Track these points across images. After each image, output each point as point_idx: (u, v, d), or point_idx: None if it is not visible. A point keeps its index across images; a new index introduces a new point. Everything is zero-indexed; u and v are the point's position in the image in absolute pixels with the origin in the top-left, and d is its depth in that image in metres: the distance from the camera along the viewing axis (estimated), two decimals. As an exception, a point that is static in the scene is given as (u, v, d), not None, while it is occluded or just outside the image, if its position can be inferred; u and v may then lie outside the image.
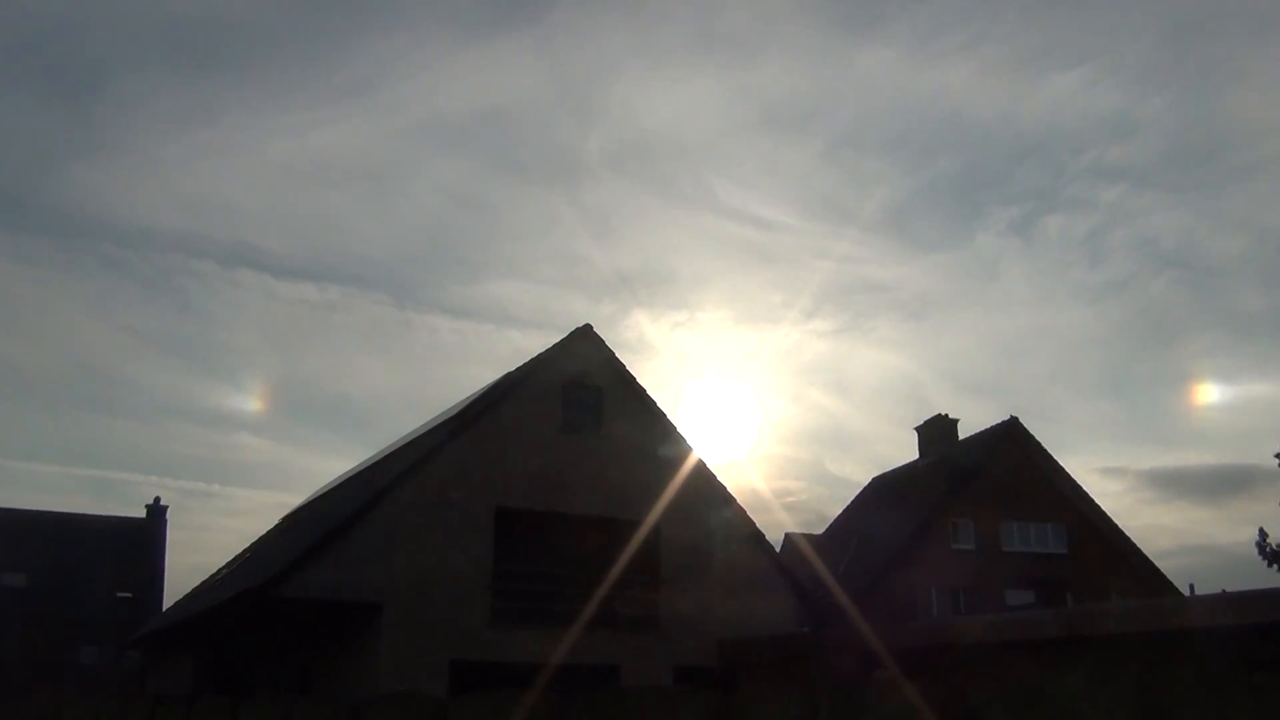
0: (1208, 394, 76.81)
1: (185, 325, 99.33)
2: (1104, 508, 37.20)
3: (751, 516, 23.85)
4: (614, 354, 23.57)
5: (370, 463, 29.38)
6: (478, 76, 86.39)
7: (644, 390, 23.57)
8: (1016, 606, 29.32)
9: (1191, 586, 28.43)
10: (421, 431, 26.85)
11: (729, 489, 23.82)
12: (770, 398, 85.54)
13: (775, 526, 47.50)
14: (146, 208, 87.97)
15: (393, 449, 28.17)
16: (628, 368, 23.68)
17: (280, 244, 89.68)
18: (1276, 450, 30.05)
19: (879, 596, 31.03)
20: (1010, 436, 36.95)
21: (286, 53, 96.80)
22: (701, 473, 23.31)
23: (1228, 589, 15.86)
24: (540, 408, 22.35)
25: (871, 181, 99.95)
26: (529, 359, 24.37)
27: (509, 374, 25.00)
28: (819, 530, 43.68)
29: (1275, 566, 29.26)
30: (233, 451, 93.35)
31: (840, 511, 44.51)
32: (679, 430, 23.62)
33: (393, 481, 20.64)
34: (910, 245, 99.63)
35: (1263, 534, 29.71)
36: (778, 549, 33.34)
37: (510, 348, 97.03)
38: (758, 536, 23.68)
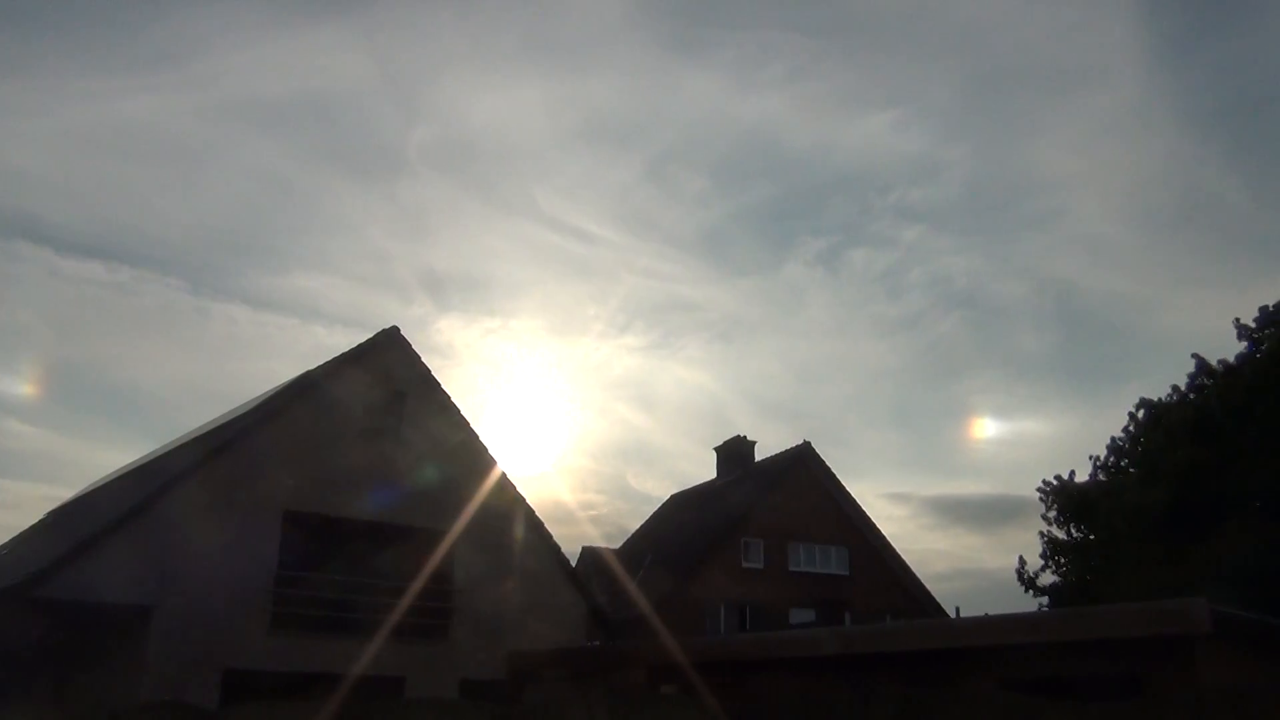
0: (985, 428, 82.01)
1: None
2: (889, 532, 39.09)
3: (556, 528, 23.94)
4: (420, 358, 23.16)
5: (153, 457, 27.73)
6: (299, 60, 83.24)
7: (449, 397, 23.24)
8: (798, 624, 30.37)
9: (958, 609, 30.12)
10: (212, 426, 25.57)
11: (533, 499, 23.78)
12: (578, 410, 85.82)
13: (578, 539, 47.76)
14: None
15: (179, 443, 26.70)
16: (434, 373, 23.32)
17: (67, 217, 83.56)
18: (1038, 484, 32.42)
19: (670, 611, 31.50)
20: (802, 460, 38.32)
21: (91, 13, 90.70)
22: (501, 483, 23.14)
23: (990, 612, 16.85)
24: (340, 409, 21.67)
25: (690, 202, 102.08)
26: (332, 357, 23.61)
27: (309, 372, 24.12)
28: (619, 544, 44.07)
29: (1031, 592, 31.49)
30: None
31: (639, 526, 45.09)
32: (482, 439, 23.40)
33: (174, 478, 19.53)
34: (723, 268, 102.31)
35: (1022, 561, 31.95)
36: (576, 561, 33.49)
37: (313, 344, 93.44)
38: (553, 549, 23.66)
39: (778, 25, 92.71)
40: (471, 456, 23.08)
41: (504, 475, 23.30)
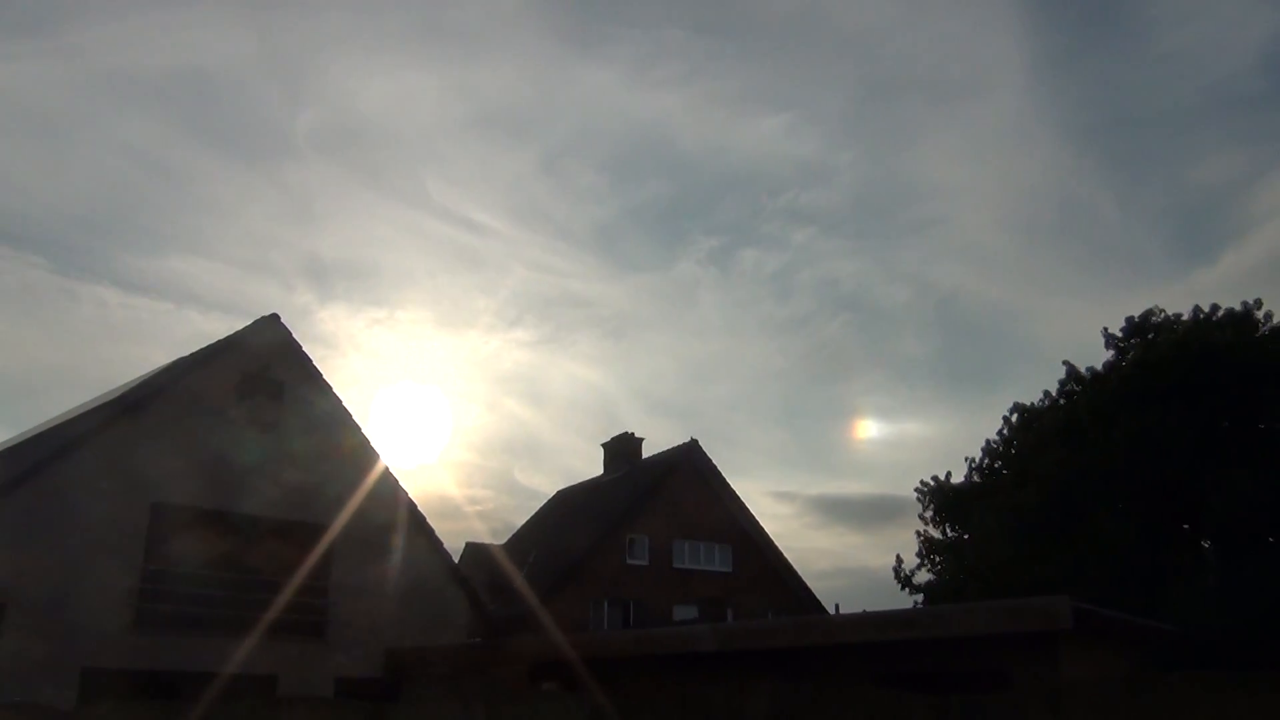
0: (868, 429, 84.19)
1: None
2: (773, 530, 39.70)
3: (440, 523, 23.72)
4: (300, 346, 22.63)
5: (11, 444, 26.44)
6: (178, 32, 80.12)
7: (330, 387, 22.78)
8: (681, 621, 30.64)
9: (837, 606, 30.81)
10: (78, 413, 24.49)
11: (417, 494, 23.58)
12: (466, 404, 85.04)
13: (464, 534, 47.17)
14: None
15: (40, 430, 25.52)
16: (316, 363, 22.88)
17: (-76, 192, 79.07)
18: (916, 484, 33.29)
19: (555, 608, 31.44)
20: (689, 458, 38.65)
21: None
22: (384, 477, 22.79)
23: (870, 609, 17.22)
24: (215, 398, 21.01)
25: (583, 197, 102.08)
26: (208, 344, 22.90)
27: (182, 358, 23.33)
28: (505, 540, 43.82)
29: (908, 590, 32.30)
30: None
31: (524, 522, 44.93)
32: (365, 432, 23.03)
33: (32, 466, 18.65)
34: (615, 264, 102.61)
35: (899, 560, 32.74)
36: (459, 557, 33.15)
37: (189, 330, 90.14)
38: (436, 545, 23.41)
39: (675, 24, 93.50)
40: (353, 449, 22.67)
41: (387, 469, 22.98)
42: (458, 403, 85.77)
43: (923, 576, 32.17)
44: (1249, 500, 22.23)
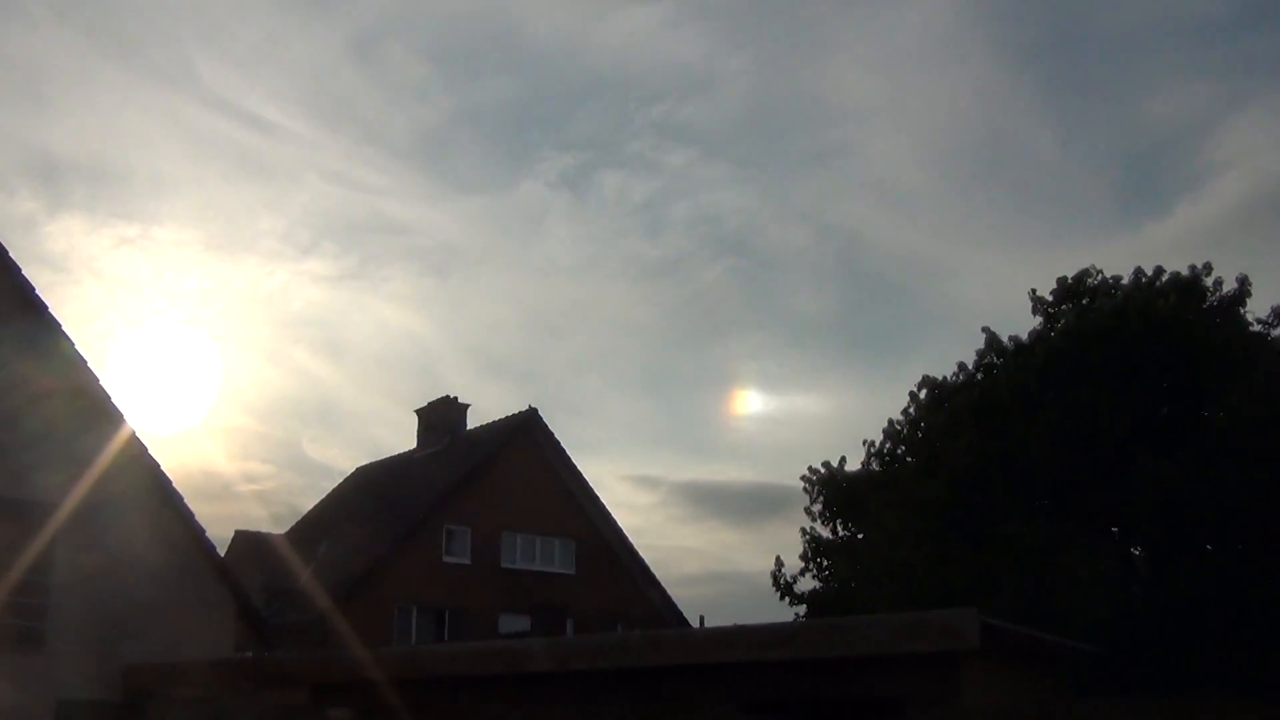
0: (751, 402, 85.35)
1: None
2: (629, 524, 40.26)
3: (205, 505, 23.31)
4: (20, 269, 21.72)
5: None
6: None
7: (59, 324, 21.99)
8: (509, 634, 30.78)
9: (702, 618, 31.44)
10: None
11: (172, 467, 22.98)
12: (241, 353, 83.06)
13: (236, 519, 46.40)
14: None
15: None
16: (40, 292, 21.98)
17: None
18: (803, 472, 34.08)
19: (350, 615, 31.21)
20: (525, 430, 38.70)
21: None
22: (128, 444, 22.16)
23: (743, 621, 17.58)
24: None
25: (405, 93, 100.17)
26: (-109, 263, 21.79)
27: None
28: (289, 527, 43.21)
29: (789, 599, 33.16)
30: None
31: (314, 506, 44.38)
32: (104, 384, 22.34)
33: None
34: (442, 181, 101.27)
35: (779, 563, 33.53)
36: (227, 549, 32.49)
37: None
38: (195, 532, 22.95)
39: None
40: (87, 406, 21.94)
41: (133, 434, 22.37)
42: (231, 351, 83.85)
43: (807, 584, 33.07)
44: (1184, 500, 23.42)
